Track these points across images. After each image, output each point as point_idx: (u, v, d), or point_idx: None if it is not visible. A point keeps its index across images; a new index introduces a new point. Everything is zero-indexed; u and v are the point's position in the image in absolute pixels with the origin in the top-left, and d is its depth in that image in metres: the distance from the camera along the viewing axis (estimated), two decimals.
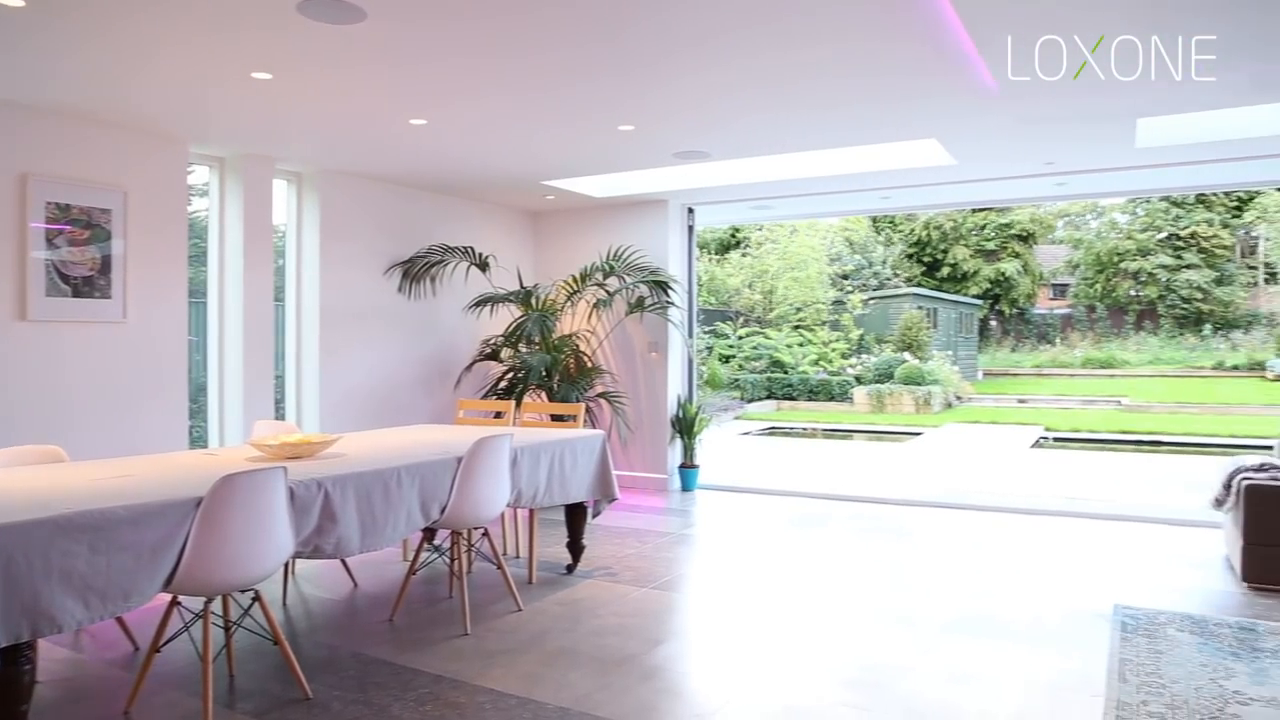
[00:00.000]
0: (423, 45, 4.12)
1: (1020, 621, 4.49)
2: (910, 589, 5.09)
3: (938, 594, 4.98)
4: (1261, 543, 5.00)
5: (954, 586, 5.13)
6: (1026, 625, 4.43)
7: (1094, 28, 3.94)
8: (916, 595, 4.96)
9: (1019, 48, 4.19)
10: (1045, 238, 36.44)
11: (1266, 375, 25.43)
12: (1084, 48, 4.19)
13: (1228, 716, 3.33)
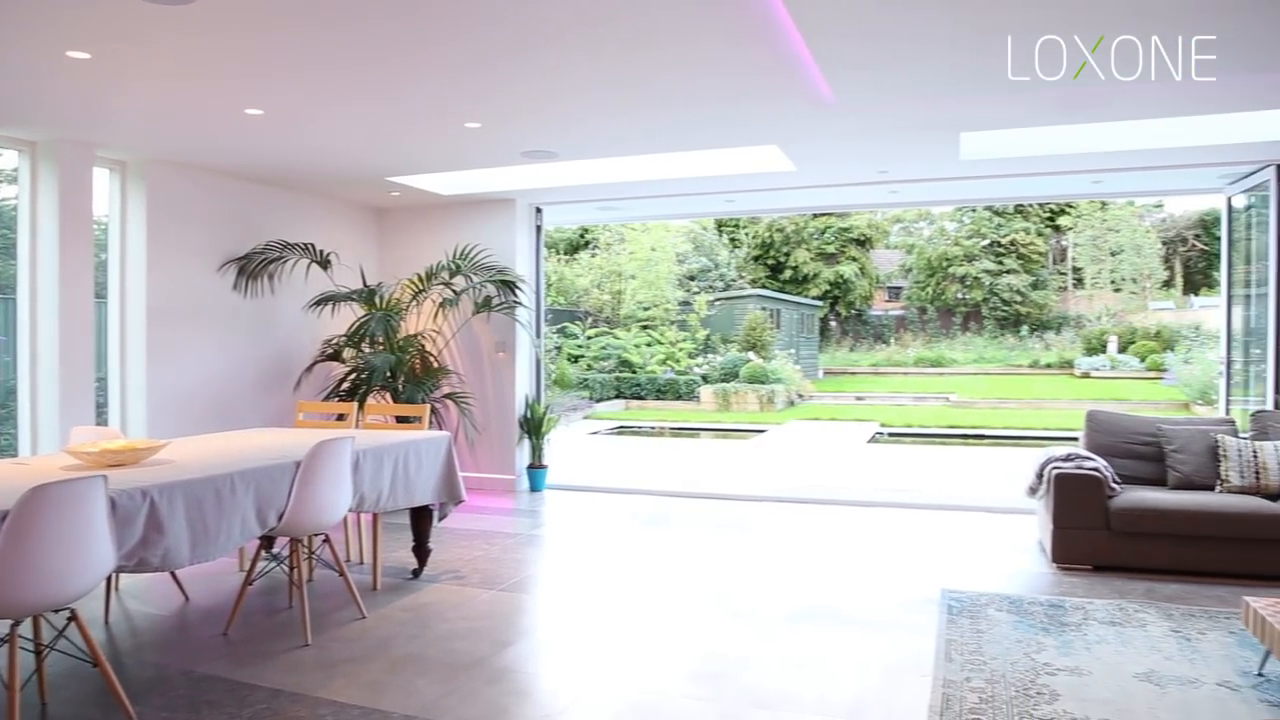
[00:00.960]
0: (257, 32, 3.95)
1: (857, 609, 4.69)
2: (754, 582, 5.24)
3: (780, 586, 5.15)
4: (1069, 526, 5.41)
5: (795, 578, 5.32)
6: (863, 612, 4.64)
7: (919, 43, 4.16)
8: (760, 587, 5.11)
9: (854, 60, 4.38)
10: (881, 242, 38.22)
11: (1075, 372, 27.48)
12: (911, 63, 4.42)
13: (1039, 686, 3.59)
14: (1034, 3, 3.70)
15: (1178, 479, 5.70)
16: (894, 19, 3.84)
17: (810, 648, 4.11)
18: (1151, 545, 5.29)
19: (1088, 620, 4.42)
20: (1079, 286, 35.46)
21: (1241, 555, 5.18)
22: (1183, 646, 4.06)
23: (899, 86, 4.79)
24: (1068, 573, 5.37)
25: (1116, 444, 5.99)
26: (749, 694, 3.58)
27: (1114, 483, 5.50)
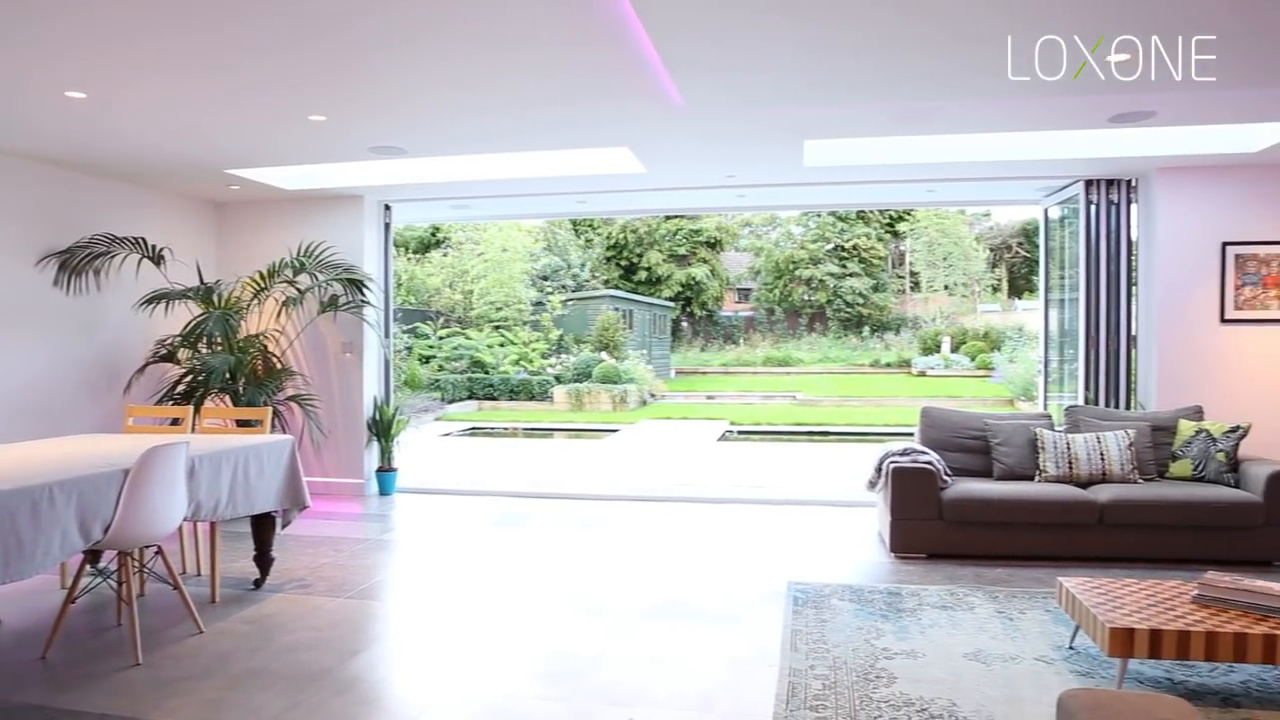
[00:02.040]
0: (79, 8, 3.71)
1: (708, 604, 4.80)
2: (608, 580, 5.28)
3: (634, 583, 5.21)
4: (905, 517, 5.69)
5: (649, 575, 5.39)
6: (714, 607, 4.74)
7: (764, 51, 4.30)
8: (614, 585, 5.16)
9: (702, 66, 4.48)
10: (731, 245, 39.17)
11: (912, 371, 28.91)
12: (756, 70, 4.55)
13: (878, 670, 3.76)
14: (870, 16, 3.87)
15: (1002, 470, 6.08)
16: (740, 26, 3.95)
17: (663, 643, 4.18)
18: (979, 533, 5.64)
19: (922, 606, 4.66)
20: (916, 290, 37.38)
21: (1057, 539, 5.59)
22: (1006, 626, 4.34)
23: (745, 93, 4.93)
24: (905, 561, 5.65)
25: (948, 438, 6.34)
26: (602, 692, 3.61)
27: (946, 475, 5.83)
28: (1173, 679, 3.68)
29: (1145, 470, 5.98)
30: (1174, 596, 3.79)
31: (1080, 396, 7.24)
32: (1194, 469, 5.91)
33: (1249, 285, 6.83)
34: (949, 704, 3.43)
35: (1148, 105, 5.23)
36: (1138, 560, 5.55)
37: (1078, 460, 5.89)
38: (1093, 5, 3.73)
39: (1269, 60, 4.43)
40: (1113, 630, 3.44)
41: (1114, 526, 5.54)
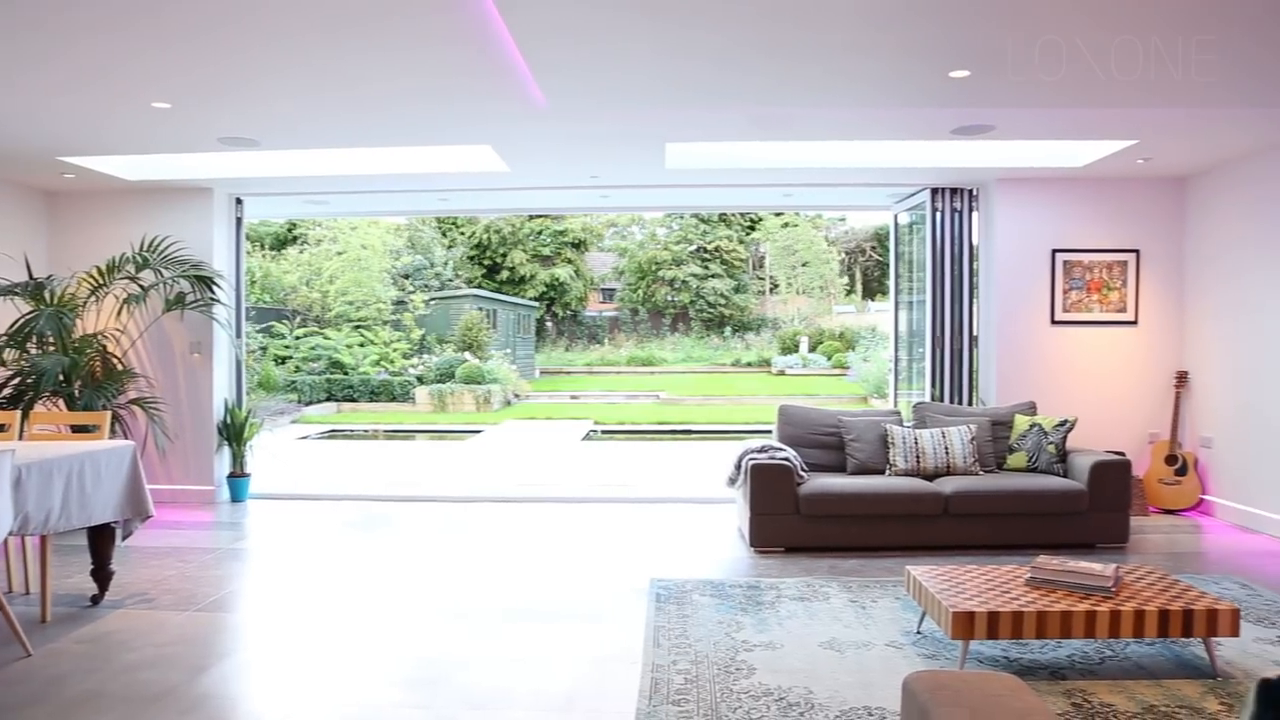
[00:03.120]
0: None
1: (572, 603, 4.81)
2: (471, 583, 5.23)
3: (497, 585, 5.17)
4: (764, 513, 5.85)
5: (512, 576, 5.37)
6: (577, 606, 4.76)
7: (626, 54, 4.34)
8: (477, 588, 5.11)
9: (565, 67, 4.49)
10: (595, 245, 39.31)
11: (772, 370, 29.71)
12: (619, 73, 4.59)
13: (738, 662, 3.86)
14: (729, 22, 3.97)
15: (855, 465, 6.33)
16: (602, 29, 3.98)
17: (526, 644, 4.17)
18: (834, 526, 5.85)
19: (780, 598, 4.81)
20: (775, 291, 38.41)
21: (907, 530, 5.86)
22: (859, 614, 4.52)
23: (608, 95, 4.97)
24: (764, 556, 5.81)
25: (805, 435, 6.55)
26: (464, 696, 3.57)
27: (802, 471, 6.02)
28: (1009, 657, 3.91)
29: (985, 462, 6.34)
30: (1010, 580, 4.04)
31: (928, 394, 7.61)
32: (1028, 460, 6.30)
33: (1075, 289, 7.33)
34: (806, 691, 3.55)
35: (987, 120, 5.55)
36: (980, 547, 5.88)
37: (924, 454, 6.18)
38: (936, 29, 3.93)
39: (1092, 85, 4.76)
40: (955, 614, 3.63)
41: (958, 516, 5.85)
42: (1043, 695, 3.49)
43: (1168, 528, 6.69)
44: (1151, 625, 3.66)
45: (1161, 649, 4.01)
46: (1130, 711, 3.36)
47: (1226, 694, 3.52)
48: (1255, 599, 4.82)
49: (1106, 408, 7.41)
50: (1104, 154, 6.49)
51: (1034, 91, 4.95)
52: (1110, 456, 6.01)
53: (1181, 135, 6.01)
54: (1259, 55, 4.36)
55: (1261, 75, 4.68)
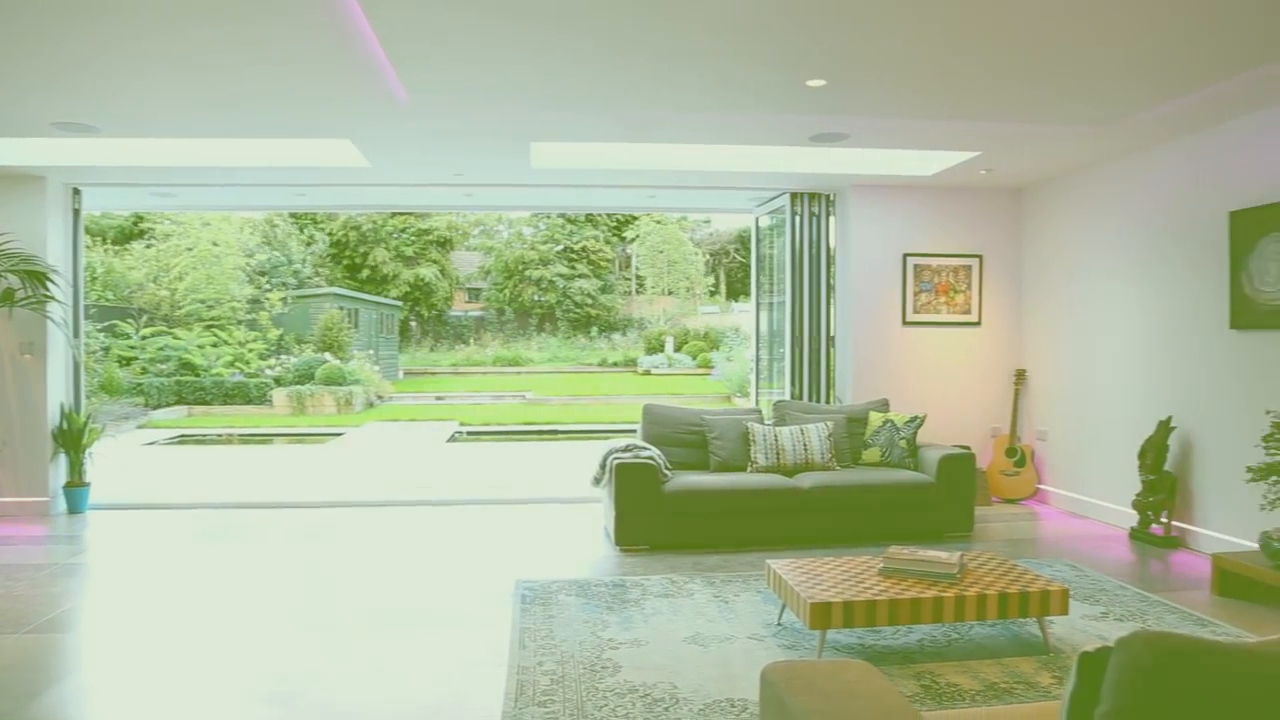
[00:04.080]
0: None
1: (436, 608, 4.74)
2: (331, 591, 5.08)
3: (358, 593, 5.05)
4: (629, 511, 5.91)
5: (374, 583, 5.25)
6: (442, 611, 4.69)
7: (490, 52, 4.31)
8: (337, 597, 4.97)
9: (428, 63, 4.42)
10: (461, 244, 38.79)
11: (638, 370, 29.99)
12: (483, 71, 4.56)
13: (604, 661, 3.89)
14: (592, 25, 4.00)
15: (718, 462, 6.47)
16: (466, 27, 3.95)
17: (389, 652, 4.08)
18: (698, 523, 5.96)
19: (645, 596, 4.87)
20: (641, 292, 38.77)
21: (768, 525, 6.03)
22: (722, 609, 4.62)
23: (472, 93, 4.92)
24: (629, 554, 5.86)
25: (669, 434, 6.64)
26: (323, 709, 3.47)
27: (666, 469, 6.11)
28: (864, 644, 4.08)
29: (842, 458, 6.58)
30: (864, 571, 4.21)
31: (787, 392, 7.84)
32: (882, 455, 6.58)
33: (924, 292, 7.70)
34: (670, 687, 3.61)
35: (842, 128, 5.76)
36: (837, 540, 6.10)
37: (784, 451, 6.38)
38: (794, 39, 4.07)
39: (939, 98, 5.02)
40: (812, 605, 3.77)
41: (816, 510, 6.05)
42: (894, 678, 3.65)
43: (1008, 516, 7.10)
44: (992, 608, 3.89)
45: (1001, 629, 4.26)
46: (974, 689, 3.56)
47: (1057, 668, 3.77)
48: (1083, 579, 5.18)
49: (953, 404, 7.81)
50: (950, 164, 6.84)
51: (885, 102, 5.18)
52: (956, 450, 6.34)
53: (1018, 149, 6.39)
54: (1086, 77, 4.68)
55: (1088, 96, 5.03)
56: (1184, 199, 6.06)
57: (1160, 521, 6.11)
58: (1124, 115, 5.49)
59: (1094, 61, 4.47)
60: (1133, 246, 6.56)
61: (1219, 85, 4.87)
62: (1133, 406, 6.55)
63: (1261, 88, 4.90)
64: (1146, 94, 5.05)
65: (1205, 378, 5.88)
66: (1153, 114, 5.44)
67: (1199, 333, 5.93)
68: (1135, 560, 5.73)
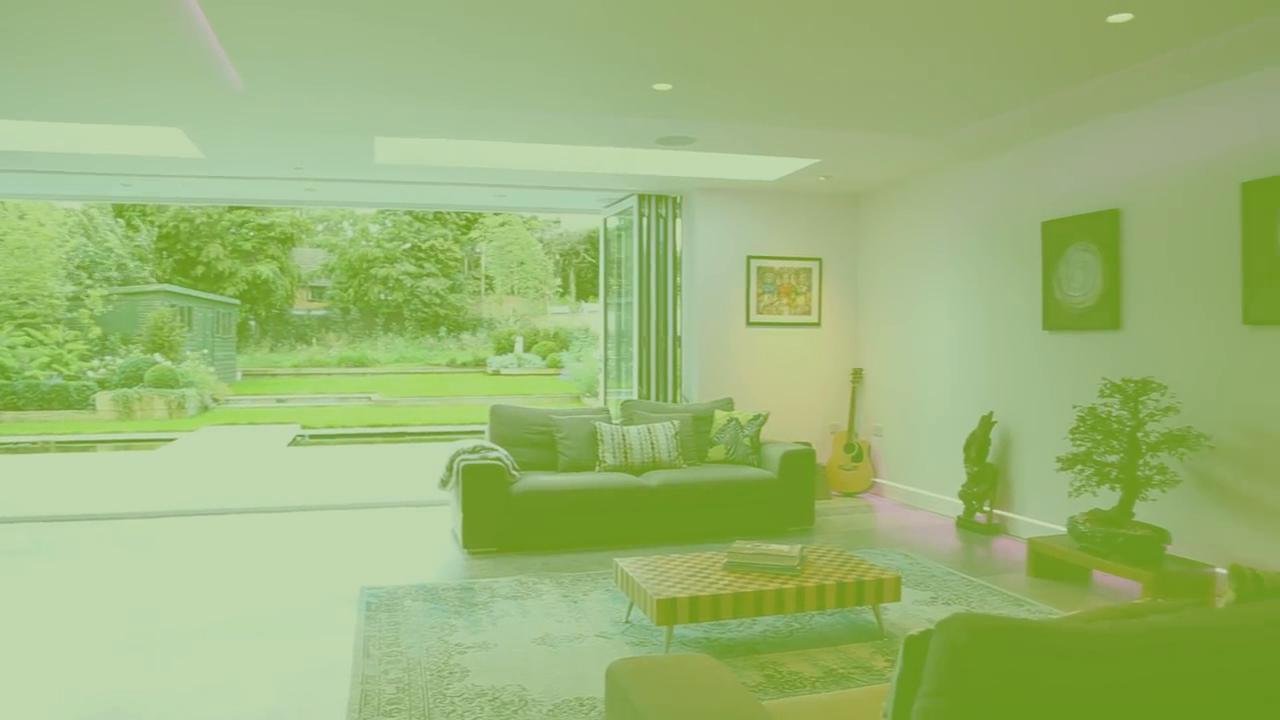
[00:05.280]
0: None
1: (275, 619, 4.55)
2: (159, 606, 4.80)
3: (190, 606, 4.79)
4: (476, 513, 5.84)
5: (208, 595, 4.99)
6: (281, 621, 4.51)
7: (331, 43, 4.19)
8: (166, 611, 4.70)
9: (265, 50, 4.25)
10: (304, 241, 37.38)
11: (487, 370, 29.69)
12: (323, 61, 4.42)
13: (451, 666, 3.84)
14: (437, 20, 3.94)
15: (566, 462, 6.48)
16: (305, 19, 3.82)
17: (224, 667, 3.90)
18: (547, 523, 5.96)
19: (494, 598, 4.83)
20: (490, 291, 38.38)
21: (616, 523, 6.08)
22: (571, 609, 4.64)
23: (312, 83, 4.76)
24: (477, 556, 5.80)
25: (517, 434, 6.60)
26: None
27: (514, 470, 6.08)
28: (710, 638, 4.18)
29: (689, 456, 6.71)
30: (710, 566, 4.31)
31: (635, 392, 7.93)
32: (727, 453, 6.74)
33: (768, 293, 7.95)
34: (520, 689, 3.59)
35: (688, 132, 5.88)
36: (685, 536, 6.21)
37: (632, 450, 6.45)
38: (640, 42, 4.12)
39: (781, 106, 5.19)
40: (659, 602, 3.83)
41: (664, 508, 6.14)
42: (739, 670, 3.76)
43: (847, 509, 7.41)
44: (830, 597, 4.05)
45: (840, 617, 4.44)
46: (814, 676, 3.70)
47: (891, 652, 3.97)
48: (915, 567, 5.46)
49: (795, 402, 8.09)
50: (792, 170, 7.08)
51: (729, 108, 5.32)
52: (797, 447, 6.57)
53: (854, 157, 6.68)
54: (912, 94, 4.94)
55: (914, 111, 5.31)
56: (1004, 209, 6.48)
57: (983, 510, 6.51)
58: (947, 130, 5.83)
59: (918, 79, 4.73)
60: (959, 252, 6.96)
61: (1028, 107, 5.24)
62: (959, 403, 6.95)
63: (1065, 110, 5.30)
64: (966, 111, 5.38)
65: (1022, 375, 6.31)
66: (973, 129, 5.80)
67: (1017, 334, 6.35)
68: (961, 547, 6.08)
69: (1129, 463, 4.88)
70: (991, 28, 3.99)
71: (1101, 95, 5.03)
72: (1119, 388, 4.96)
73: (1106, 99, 5.11)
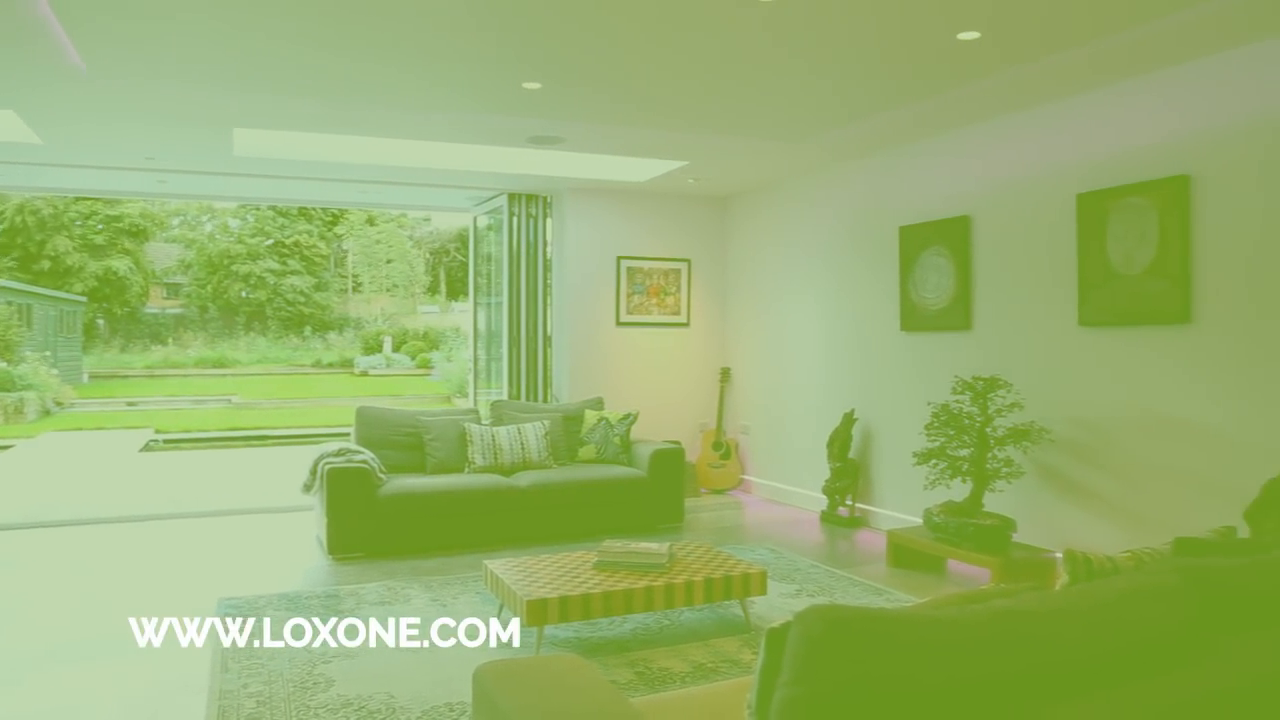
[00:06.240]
0: None
1: (125, 637, 4.31)
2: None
3: (29, 626, 4.48)
4: (342, 518, 5.69)
5: (48, 615, 4.68)
6: (130, 639, 4.28)
7: (183, 27, 4.01)
8: (1, 634, 4.39)
9: (110, 32, 4.04)
10: (159, 235, 35.55)
11: (355, 371, 28.92)
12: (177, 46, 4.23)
13: (316, 676, 3.73)
14: (300, 13, 3.83)
15: (435, 464, 6.38)
16: None
17: (65, 691, 3.66)
18: (416, 526, 5.85)
19: (361, 605, 4.71)
20: (358, 290, 37.38)
21: (486, 525, 6.03)
22: (441, 613, 4.57)
23: (164, 70, 4.55)
24: (344, 563, 5.64)
25: (384, 436, 6.46)
26: None
27: (381, 473, 5.94)
28: (581, 637, 4.19)
29: (559, 456, 6.71)
30: (580, 566, 4.32)
31: (505, 392, 7.88)
32: (597, 452, 6.77)
33: (638, 294, 8.02)
34: (387, 696, 3.52)
35: (558, 132, 5.87)
36: (556, 537, 6.20)
37: (502, 451, 6.40)
38: (508, 40, 4.10)
39: (649, 108, 5.25)
40: (529, 603, 3.82)
41: (534, 508, 6.12)
42: (610, 668, 3.78)
43: (716, 506, 7.55)
44: (699, 593, 4.12)
45: (709, 612, 4.53)
46: (683, 671, 3.76)
47: (758, 645, 4.07)
48: (781, 561, 5.62)
49: (664, 401, 8.19)
50: (661, 171, 7.17)
51: (599, 109, 5.34)
52: (667, 445, 6.66)
53: (721, 161, 6.81)
54: (774, 100, 5.08)
55: (777, 116, 5.46)
56: (865, 213, 6.72)
57: (846, 504, 6.74)
58: (811, 135, 6.01)
59: (782, 86, 4.86)
60: (823, 255, 7.19)
61: (887, 115, 5.46)
62: (823, 401, 7.18)
63: (922, 120, 5.54)
64: (829, 118, 5.56)
65: (882, 374, 6.56)
66: (836, 135, 6.00)
67: (877, 334, 6.61)
68: (825, 541, 6.28)
69: (979, 456, 5.14)
70: (854, 40, 4.14)
71: (954, 107, 5.28)
72: (969, 385, 5.22)
73: (959, 111, 5.37)
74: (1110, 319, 4.82)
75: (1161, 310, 4.55)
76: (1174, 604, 1.68)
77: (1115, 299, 4.79)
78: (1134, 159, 4.73)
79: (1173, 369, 4.56)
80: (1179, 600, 1.69)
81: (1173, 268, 4.49)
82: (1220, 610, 1.79)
